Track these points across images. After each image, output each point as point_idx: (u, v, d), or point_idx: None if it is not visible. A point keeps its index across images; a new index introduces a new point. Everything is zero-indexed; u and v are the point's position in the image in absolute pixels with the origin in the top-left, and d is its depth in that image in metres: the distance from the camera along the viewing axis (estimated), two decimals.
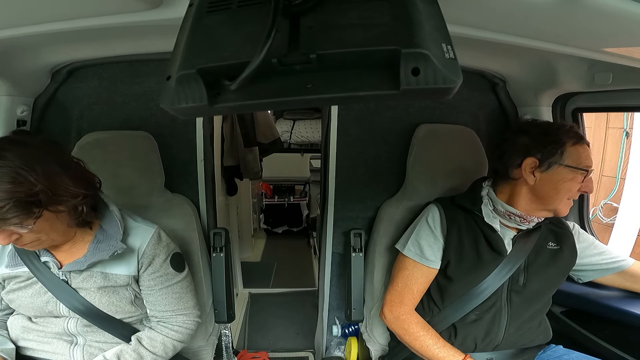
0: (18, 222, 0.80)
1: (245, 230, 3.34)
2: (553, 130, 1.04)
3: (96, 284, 0.96)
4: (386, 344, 1.27)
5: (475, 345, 1.06)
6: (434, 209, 1.14)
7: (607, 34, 0.72)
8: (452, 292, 1.09)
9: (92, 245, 0.96)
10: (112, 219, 0.98)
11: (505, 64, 1.28)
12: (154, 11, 0.74)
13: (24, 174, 0.78)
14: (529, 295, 1.08)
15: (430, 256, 1.10)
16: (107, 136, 1.25)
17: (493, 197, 1.09)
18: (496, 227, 1.08)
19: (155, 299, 1.02)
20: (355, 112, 1.39)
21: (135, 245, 0.99)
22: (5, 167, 0.78)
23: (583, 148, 1.04)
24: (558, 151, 1.02)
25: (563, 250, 1.11)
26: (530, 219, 1.05)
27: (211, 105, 0.46)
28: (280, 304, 2.48)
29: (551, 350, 1.11)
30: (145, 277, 1.00)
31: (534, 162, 1.03)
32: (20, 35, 0.82)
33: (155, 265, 1.01)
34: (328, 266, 1.49)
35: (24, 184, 0.78)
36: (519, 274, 1.07)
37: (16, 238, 0.84)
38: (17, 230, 0.82)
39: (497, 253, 1.07)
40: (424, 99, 0.46)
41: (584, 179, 1.02)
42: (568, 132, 1.03)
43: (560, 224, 1.16)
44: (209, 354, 1.28)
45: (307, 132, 4.02)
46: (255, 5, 0.47)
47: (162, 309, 1.02)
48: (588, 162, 1.03)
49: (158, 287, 1.01)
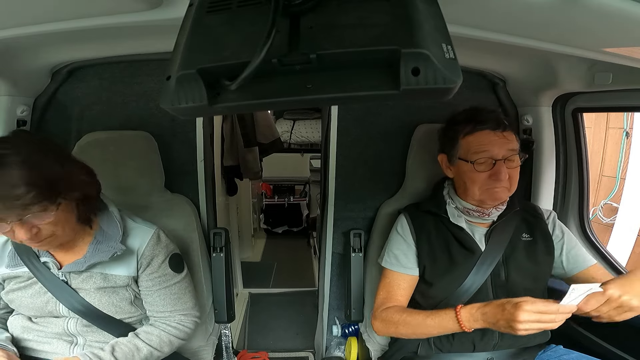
0: (41, 209, 0.81)
1: (245, 230, 3.33)
2: (451, 124, 1.09)
3: (95, 285, 0.96)
4: (386, 344, 1.27)
5: (473, 346, 1.06)
6: (402, 219, 1.17)
7: (607, 34, 0.72)
8: (434, 295, 1.09)
9: (92, 246, 0.96)
10: (111, 220, 0.98)
11: (505, 64, 1.28)
12: (154, 11, 0.74)
13: (40, 161, 0.81)
14: (514, 289, 1.06)
15: (406, 263, 1.12)
16: (107, 136, 1.25)
17: (452, 195, 1.12)
18: (463, 225, 1.09)
19: (154, 300, 1.02)
20: (355, 112, 1.39)
21: (134, 246, 0.99)
22: (19, 155, 0.79)
23: (474, 137, 1.03)
24: (453, 145, 1.07)
25: (536, 241, 1.10)
26: (487, 211, 1.06)
27: (211, 105, 0.46)
28: (280, 304, 2.48)
29: (551, 350, 1.11)
30: (144, 277, 1.00)
31: (444, 158, 1.11)
32: (20, 35, 0.82)
33: (153, 265, 1.01)
34: (328, 266, 1.49)
35: (43, 170, 0.80)
36: (499, 269, 1.07)
37: (35, 232, 0.84)
38: (37, 222, 0.83)
39: (469, 251, 1.07)
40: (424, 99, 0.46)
41: (492, 167, 1.01)
42: (462, 123, 1.05)
43: (535, 212, 1.15)
44: (209, 354, 1.28)
45: (307, 132, 4.02)
46: (255, 5, 0.47)
47: (161, 309, 1.03)
48: (480, 149, 1.02)
49: (156, 288, 1.01)
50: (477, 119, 1.04)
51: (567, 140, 1.36)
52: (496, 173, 1.01)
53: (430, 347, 1.10)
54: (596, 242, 1.34)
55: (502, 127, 1.03)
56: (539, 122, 1.35)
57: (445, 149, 1.10)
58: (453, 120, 1.09)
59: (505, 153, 1.02)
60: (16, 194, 0.77)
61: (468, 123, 1.04)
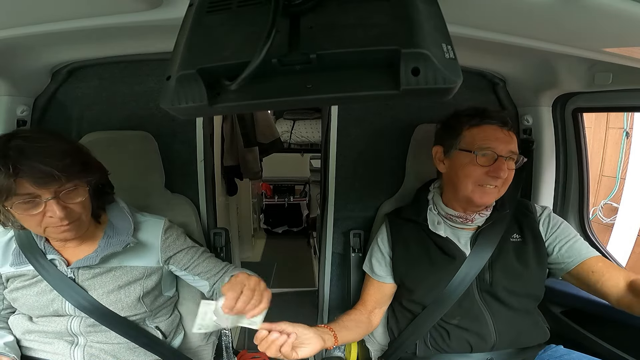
0: (74, 187, 0.85)
1: (245, 230, 3.34)
2: (455, 115, 1.06)
3: (107, 279, 0.97)
4: (386, 344, 1.27)
5: (471, 347, 1.06)
6: (382, 226, 1.18)
7: (607, 34, 0.72)
8: (418, 301, 1.09)
9: (103, 240, 0.97)
10: (122, 215, 1.00)
11: (505, 64, 1.28)
12: (154, 11, 0.74)
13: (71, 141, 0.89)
14: (499, 293, 1.04)
15: (379, 272, 1.14)
16: (107, 136, 1.25)
17: (437, 201, 1.10)
18: (441, 233, 1.07)
19: (204, 267, 1.06)
20: (355, 112, 1.39)
21: (149, 239, 1.02)
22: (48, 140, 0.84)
23: (480, 129, 1.01)
24: (455, 135, 1.03)
25: (526, 242, 1.07)
26: (471, 217, 1.05)
27: (211, 105, 0.46)
28: (280, 304, 2.47)
29: (552, 350, 1.11)
30: (179, 257, 1.05)
31: (440, 150, 1.08)
32: (20, 35, 0.82)
33: (180, 243, 1.06)
34: (328, 266, 1.49)
35: (77, 147, 0.88)
36: (484, 272, 1.05)
37: (68, 212, 0.86)
38: (70, 202, 0.86)
39: (450, 257, 1.06)
40: (424, 99, 0.45)
41: (494, 162, 0.98)
42: (467, 116, 1.03)
43: (527, 210, 1.11)
44: (209, 354, 1.28)
45: (307, 132, 4.02)
46: (255, 5, 0.47)
47: (215, 271, 1.06)
48: (485, 143, 0.99)
49: (197, 256, 1.07)
50: (484, 114, 1.02)
51: (567, 140, 1.35)
52: (496, 169, 0.98)
53: (427, 348, 1.10)
54: (596, 242, 1.34)
55: (508, 126, 1.02)
56: (539, 122, 1.35)
57: (443, 141, 1.07)
58: (457, 113, 1.07)
59: (508, 152, 1.00)
60: (63, 164, 0.81)
61: (475, 116, 1.03)
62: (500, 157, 0.99)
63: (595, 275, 0.99)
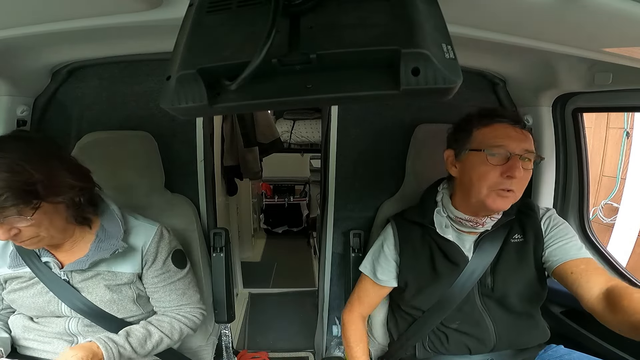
0: (16, 212, 0.80)
1: (245, 230, 3.33)
2: (466, 118, 1.04)
3: (98, 283, 0.97)
4: (386, 344, 1.27)
5: (469, 350, 1.06)
6: (389, 229, 1.15)
7: (607, 34, 0.72)
8: (419, 306, 1.09)
9: (94, 244, 0.96)
10: (113, 218, 0.99)
11: (505, 64, 1.28)
12: (154, 11, 0.74)
13: (22, 164, 0.80)
14: (501, 297, 1.03)
15: (381, 276, 1.13)
16: (107, 136, 1.25)
17: (446, 203, 1.06)
18: (449, 237, 1.04)
19: (160, 296, 1.04)
20: (355, 112, 1.39)
21: (138, 244, 1.00)
22: (4, 159, 0.79)
23: (491, 128, 0.97)
24: (466, 137, 1.00)
25: (528, 241, 1.04)
26: (482, 221, 1.01)
27: (211, 105, 0.46)
28: (280, 304, 2.48)
29: (552, 350, 1.10)
30: (149, 274, 1.02)
31: (451, 153, 1.04)
32: (20, 35, 0.82)
33: (158, 262, 1.02)
34: (328, 266, 1.49)
35: (22, 173, 0.80)
36: (486, 277, 1.04)
37: (15, 233, 0.84)
38: (16, 224, 0.83)
39: (454, 264, 1.04)
40: (424, 99, 0.45)
41: (507, 161, 0.94)
42: (478, 117, 1.00)
43: (530, 210, 1.08)
44: (209, 353, 1.29)
45: (307, 132, 4.02)
46: (255, 5, 0.47)
47: (168, 305, 1.05)
48: (496, 141, 0.95)
49: (162, 284, 1.03)
50: (495, 113, 1.00)
51: (567, 140, 1.35)
52: (510, 169, 0.92)
53: (427, 350, 1.09)
54: (596, 242, 1.34)
55: (521, 124, 0.99)
56: (539, 122, 1.34)
57: (454, 144, 1.03)
58: (468, 115, 1.04)
59: (522, 151, 0.95)
60: None
61: (485, 116, 0.99)
62: (514, 156, 0.94)
63: (573, 276, 0.96)
